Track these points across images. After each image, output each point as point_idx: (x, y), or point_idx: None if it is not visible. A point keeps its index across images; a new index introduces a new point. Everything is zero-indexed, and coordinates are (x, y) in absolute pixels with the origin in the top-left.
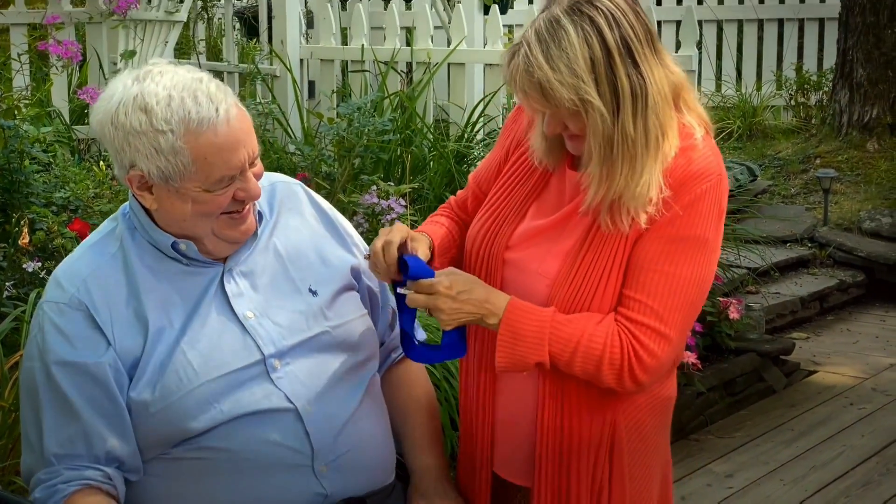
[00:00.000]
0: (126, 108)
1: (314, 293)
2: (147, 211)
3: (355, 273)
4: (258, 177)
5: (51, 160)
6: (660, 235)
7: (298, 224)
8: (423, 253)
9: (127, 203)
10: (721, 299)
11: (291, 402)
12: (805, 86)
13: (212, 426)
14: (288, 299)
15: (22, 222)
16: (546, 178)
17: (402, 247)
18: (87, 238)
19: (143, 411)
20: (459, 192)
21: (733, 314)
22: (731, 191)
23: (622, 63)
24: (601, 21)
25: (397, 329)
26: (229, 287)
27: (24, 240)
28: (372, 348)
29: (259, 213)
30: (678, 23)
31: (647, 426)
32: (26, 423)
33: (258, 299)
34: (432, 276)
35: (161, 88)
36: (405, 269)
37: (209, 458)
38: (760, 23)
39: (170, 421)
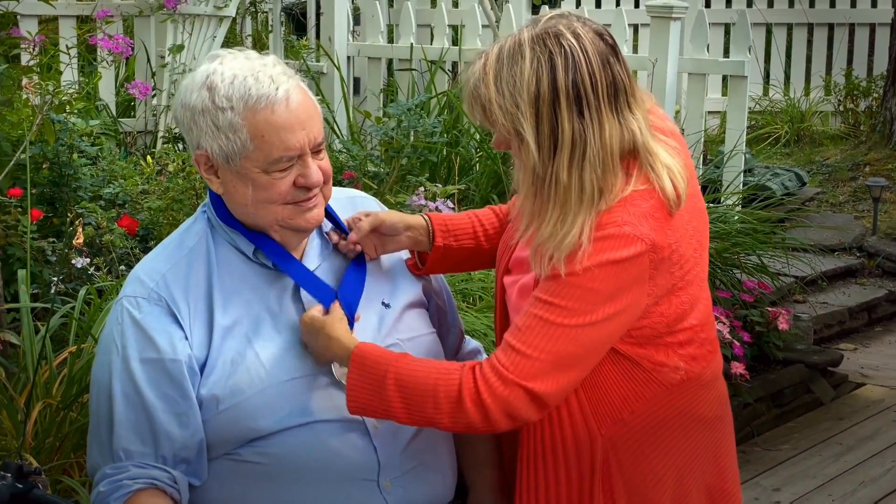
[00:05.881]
0: (194, 88)
1: (387, 305)
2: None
3: (426, 290)
4: (325, 171)
5: (98, 153)
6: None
7: None
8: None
9: (207, 200)
10: (770, 309)
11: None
12: (854, 92)
13: (279, 429)
14: (362, 310)
15: (77, 222)
16: None
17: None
18: (166, 239)
19: (212, 408)
20: None
21: (782, 325)
22: (779, 197)
23: (567, 108)
24: (559, 61)
25: (463, 350)
26: (305, 294)
27: (79, 240)
28: None
29: (341, 225)
30: (726, 25)
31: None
32: (98, 415)
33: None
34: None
35: (227, 69)
36: None
37: (274, 464)
38: (810, 27)
39: (238, 419)
